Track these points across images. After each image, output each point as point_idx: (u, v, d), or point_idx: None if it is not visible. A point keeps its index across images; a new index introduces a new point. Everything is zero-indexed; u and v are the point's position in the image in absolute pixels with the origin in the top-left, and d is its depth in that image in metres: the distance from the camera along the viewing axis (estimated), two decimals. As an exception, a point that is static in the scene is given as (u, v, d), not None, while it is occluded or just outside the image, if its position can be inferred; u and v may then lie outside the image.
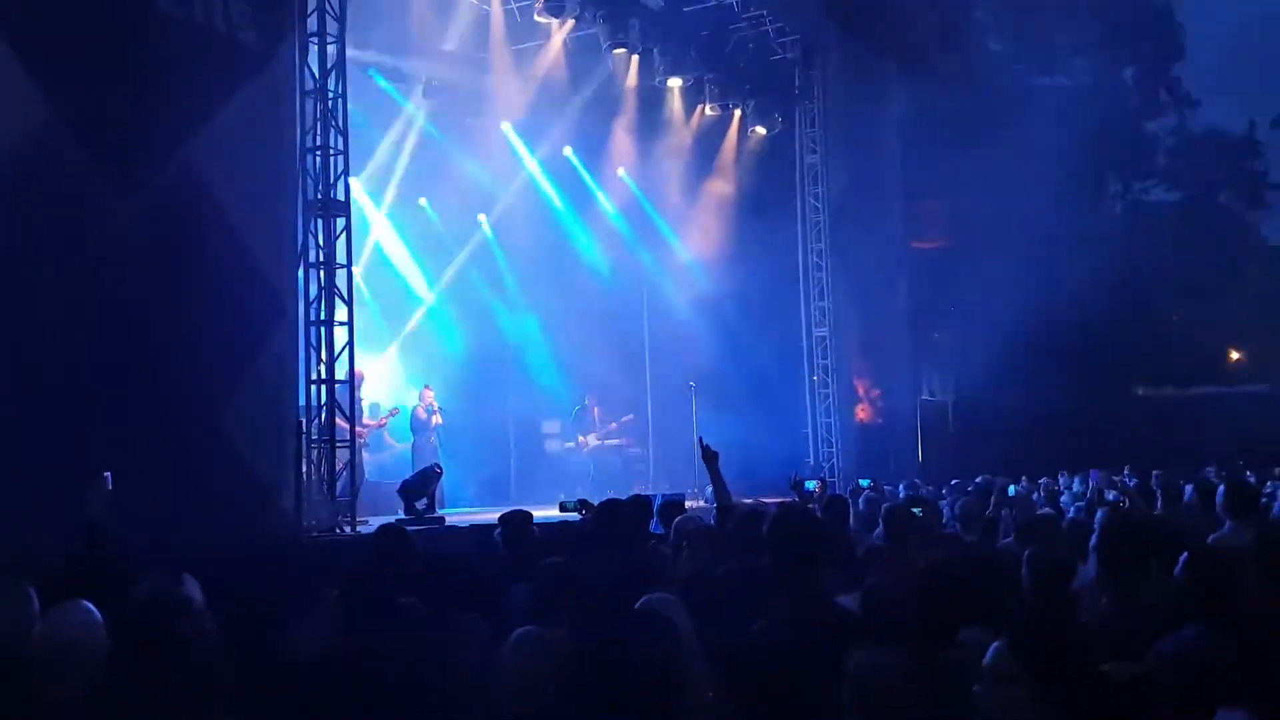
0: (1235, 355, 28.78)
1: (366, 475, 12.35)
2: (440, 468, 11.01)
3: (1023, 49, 28.73)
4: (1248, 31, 34.58)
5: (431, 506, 10.41)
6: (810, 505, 7.55)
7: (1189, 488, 8.36)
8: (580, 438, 15.77)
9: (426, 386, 14.13)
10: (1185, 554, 4.09)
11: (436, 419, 13.85)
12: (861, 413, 18.83)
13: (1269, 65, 30.51)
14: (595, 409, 16.01)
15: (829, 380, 17.91)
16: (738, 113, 17.65)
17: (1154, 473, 11.22)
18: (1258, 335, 27.62)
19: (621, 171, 17.38)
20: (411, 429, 13.86)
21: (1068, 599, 4.58)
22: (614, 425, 15.97)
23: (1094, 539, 5.29)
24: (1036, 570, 4.70)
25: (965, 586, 4.02)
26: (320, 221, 9.66)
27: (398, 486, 10.58)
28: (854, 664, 2.88)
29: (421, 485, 10.45)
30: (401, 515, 10.01)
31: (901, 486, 11.31)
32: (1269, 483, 12.06)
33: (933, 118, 22.22)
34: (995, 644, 2.85)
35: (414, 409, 13.93)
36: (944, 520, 7.67)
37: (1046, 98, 27.44)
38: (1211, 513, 7.05)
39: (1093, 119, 26.42)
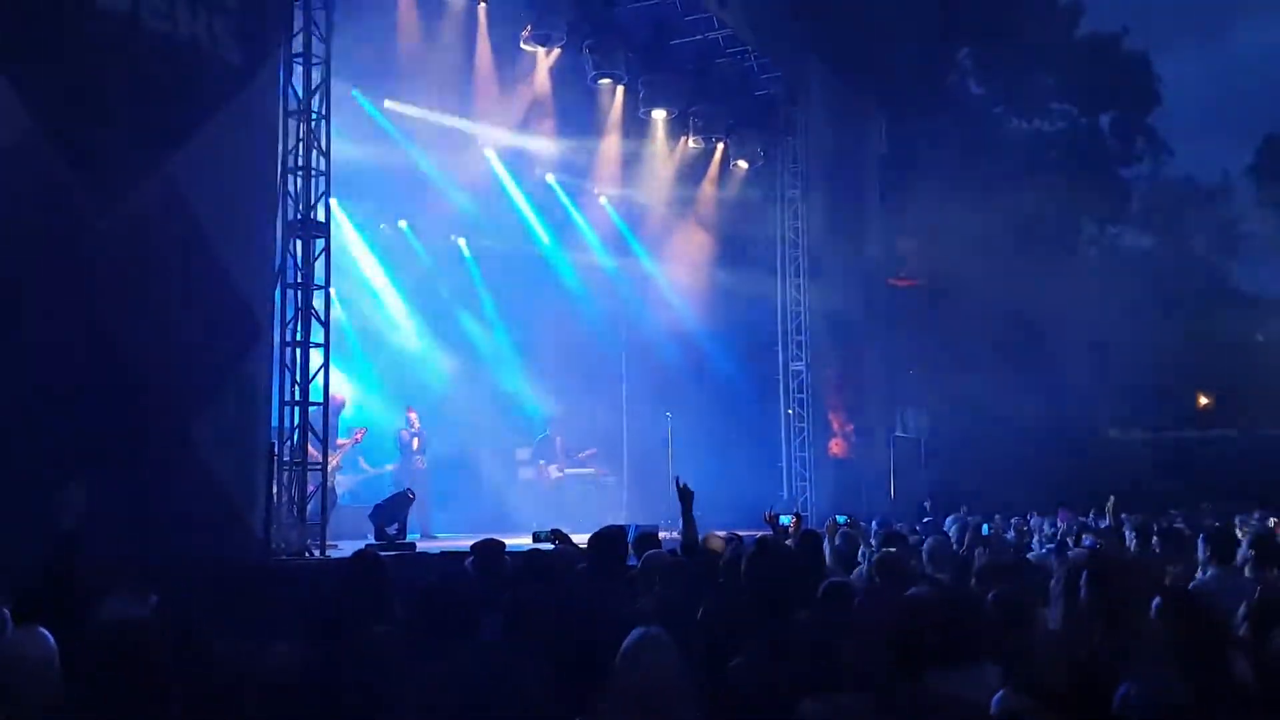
0: (1204, 400, 29.09)
1: (339, 499, 12.22)
2: (413, 493, 10.91)
3: (1003, 93, 29.11)
4: (1222, 82, 35.24)
5: (402, 532, 10.32)
6: (785, 540, 7.51)
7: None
8: (542, 465, 15.67)
9: (410, 408, 14.03)
10: (1158, 599, 4.11)
11: (418, 441, 13.76)
12: (835, 447, 18.88)
13: (1242, 115, 31.07)
14: (558, 439, 15.94)
15: (804, 414, 17.95)
16: (720, 146, 17.76)
17: (1122, 515, 11.28)
18: (1227, 380, 27.93)
19: (604, 200, 17.44)
20: (399, 450, 13.77)
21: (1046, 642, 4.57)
22: (580, 456, 15.89)
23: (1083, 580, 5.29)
24: (1004, 612, 4.68)
25: (935, 627, 4.01)
26: (299, 242, 9.61)
27: (369, 511, 10.48)
28: (808, 712, 2.85)
29: (393, 510, 10.36)
30: (371, 540, 9.92)
31: (875, 523, 11.30)
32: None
33: (912, 157, 22.45)
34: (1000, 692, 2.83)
35: (399, 431, 13.84)
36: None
37: (1025, 141, 27.82)
38: (1179, 555, 7.15)
39: (1069, 163, 26.81)
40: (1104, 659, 3.94)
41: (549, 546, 7.62)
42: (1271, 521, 11.75)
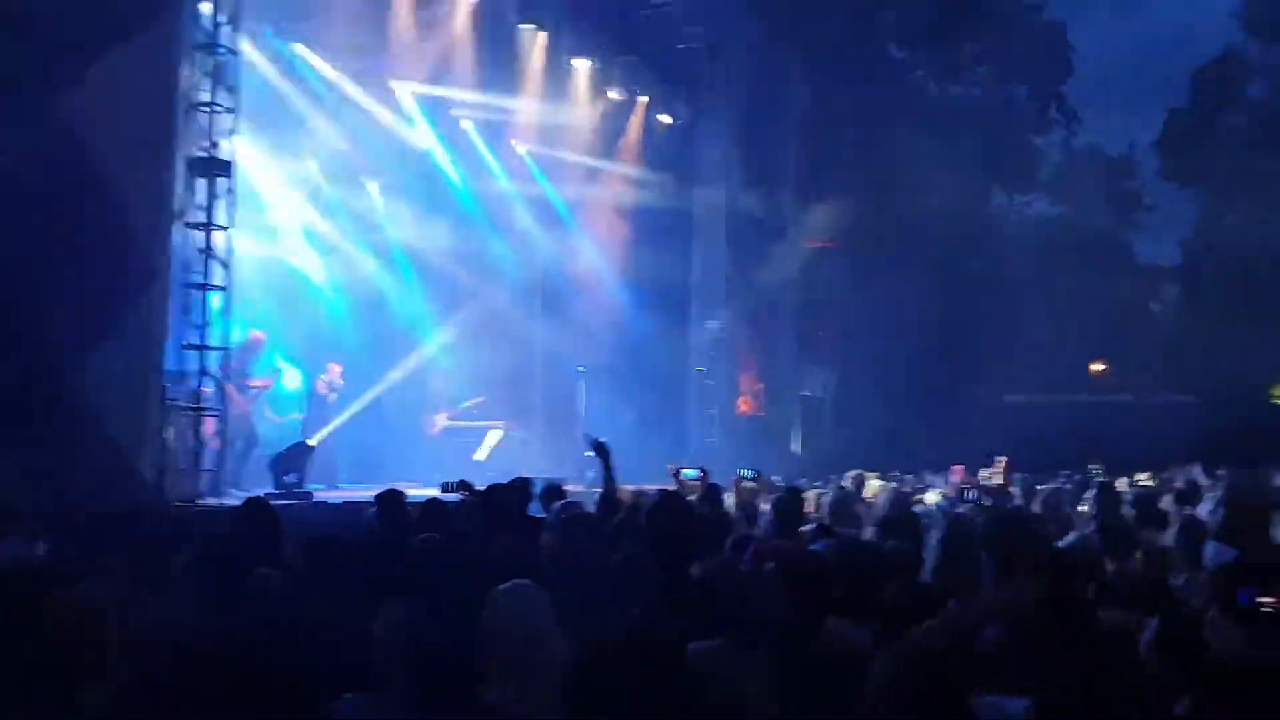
0: (1100, 366, 30.01)
1: (259, 440, 11.89)
2: (314, 442, 10.78)
3: (923, 58, 29.36)
4: (1134, 56, 36.00)
5: (302, 481, 10.20)
6: (689, 494, 7.60)
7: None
8: (428, 416, 15.55)
9: (334, 361, 13.87)
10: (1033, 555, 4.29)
11: (334, 396, 13.60)
12: (744, 405, 19.11)
13: (1151, 90, 31.75)
14: (446, 389, 15.80)
15: (715, 371, 18.11)
16: (643, 99, 17.65)
17: (1014, 474, 11.62)
18: (1123, 348, 28.85)
19: (522, 149, 17.19)
20: (308, 403, 13.57)
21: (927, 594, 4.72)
22: (468, 405, 15.76)
23: (940, 535, 5.50)
24: (898, 564, 4.83)
25: (833, 578, 4.12)
26: (201, 181, 9.35)
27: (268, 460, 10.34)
28: (694, 658, 2.90)
29: (292, 459, 10.24)
30: (271, 489, 9.79)
31: (779, 479, 11.47)
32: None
33: (833, 119, 22.57)
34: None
35: (315, 382, 13.65)
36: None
37: (942, 106, 28.13)
38: (1063, 514, 7.49)
39: (984, 130, 27.18)
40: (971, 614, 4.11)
41: (455, 497, 7.62)
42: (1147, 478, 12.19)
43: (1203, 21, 30.30)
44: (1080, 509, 8.01)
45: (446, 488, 8.80)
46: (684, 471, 8.43)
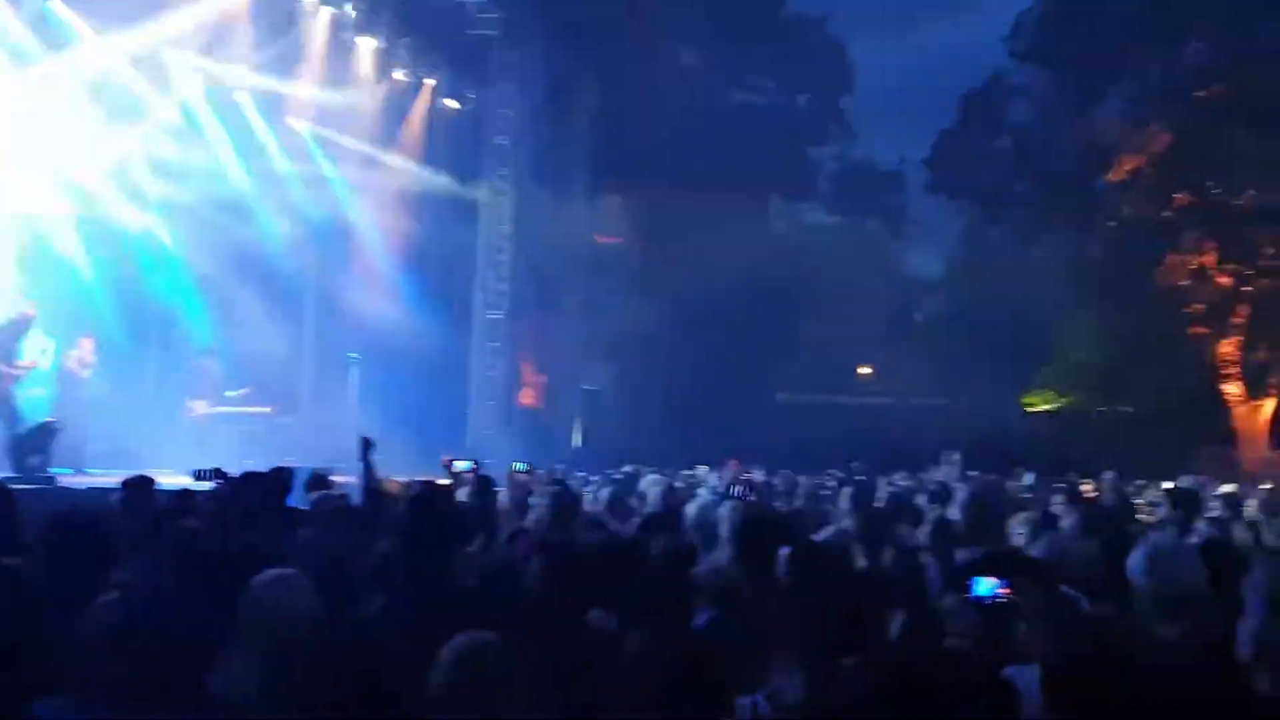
0: (864, 370, 31.66)
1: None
2: (60, 423, 10.06)
3: (711, 61, 30.05)
4: (907, 76, 38.08)
5: (45, 464, 9.50)
6: (459, 486, 7.52)
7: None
8: (190, 402, 14.82)
9: (87, 335, 12.99)
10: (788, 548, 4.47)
11: (87, 372, 12.73)
12: (526, 397, 19.10)
13: (922, 109, 33.53)
14: (210, 372, 15.10)
15: (497, 363, 17.99)
16: (430, 82, 17.33)
17: (781, 470, 12.08)
18: (888, 354, 30.50)
19: (301, 126, 16.51)
20: (59, 380, 12.63)
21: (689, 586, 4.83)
22: (233, 396, 15.09)
23: (727, 529, 5.65)
24: (661, 557, 4.92)
25: (600, 573, 4.15)
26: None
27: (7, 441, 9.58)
28: (448, 650, 2.86)
29: (36, 441, 9.52)
30: (10, 472, 9.07)
31: (552, 471, 11.52)
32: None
33: (624, 117, 22.84)
34: None
35: (64, 358, 12.74)
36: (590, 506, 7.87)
37: (727, 113, 28.92)
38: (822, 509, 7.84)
39: (765, 138, 28.14)
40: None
41: (209, 485, 7.26)
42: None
43: (973, 45, 32.26)
44: (840, 505, 8.37)
45: (199, 475, 8.38)
46: (456, 463, 8.33)
